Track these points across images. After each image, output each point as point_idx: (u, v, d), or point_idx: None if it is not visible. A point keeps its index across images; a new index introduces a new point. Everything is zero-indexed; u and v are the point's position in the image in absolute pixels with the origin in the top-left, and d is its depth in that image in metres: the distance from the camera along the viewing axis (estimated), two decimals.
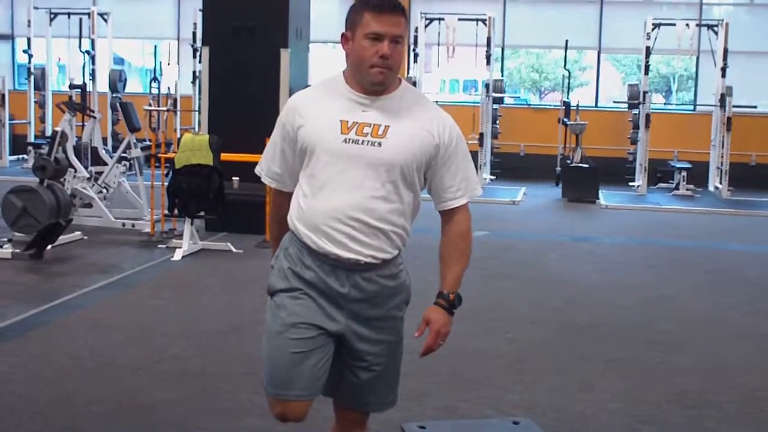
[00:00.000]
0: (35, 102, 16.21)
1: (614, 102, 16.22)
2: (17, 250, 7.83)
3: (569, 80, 15.82)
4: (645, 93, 14.33)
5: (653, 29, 14.42)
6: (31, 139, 15.82)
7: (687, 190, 14.09)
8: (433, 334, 2.77)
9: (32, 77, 16.12)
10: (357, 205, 2.66)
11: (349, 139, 2.67)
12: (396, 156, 2.67)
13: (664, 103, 19.95)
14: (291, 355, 2.69)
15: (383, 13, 2.63)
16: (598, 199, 13.16)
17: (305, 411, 2.76)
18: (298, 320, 2.70)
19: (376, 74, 2.66)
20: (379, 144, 2.67)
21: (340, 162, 2.66)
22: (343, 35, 2.72)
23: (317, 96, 2.79)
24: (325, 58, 17.71)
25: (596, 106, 17.00)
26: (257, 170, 2.92)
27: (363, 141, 2.67)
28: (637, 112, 14.72)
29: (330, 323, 2.72)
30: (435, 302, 2.80)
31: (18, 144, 16.13)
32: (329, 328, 2.72)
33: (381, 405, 2.91)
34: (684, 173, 14.22)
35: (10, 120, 15.97)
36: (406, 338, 2.87)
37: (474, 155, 12.89)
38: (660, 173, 15.02)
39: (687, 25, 14.66)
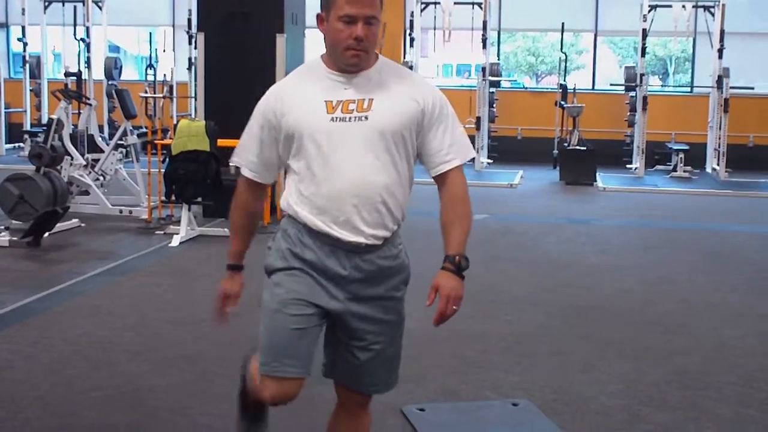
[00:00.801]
0: (31, 90, 16.18)
1: (611, 85, 16.20)
2: (15, 238, 7.82)
3: (566, 63, 15.79)
4: (642, 75, 14.31)
5: (649, 11, 14.39)
6: (27, 127, 15.79)
7: (684, 171, 14.10)
8: (443, 299, 2.68)
9: (27, 65, 16.08)
10: (358, 182, 2.65)
11: (337, 118, 2.66)
12: (385, 126, 2.66)
13: (661, 86, 19.94)
14: (291, 331, 2.68)
15: None
16: (595, 181, 13.16)
17: (298, 390, 2.74)
18: (297, 296, 2.70)
19: (351, 57, 2.65)
20: (366, 117, 2.66)
21: (333, 142, 2.65)
22: (318, 16, 2.71)
23: (297, 82, 2.79)
24: (320, 44, 17.67)
25: (593, 88, 16.97)
26: (234, 161, 2.89)
27: (350, 118, 2.66)
28: (634, 95, 14.71)
29: (330, 301, 2.71)
30: (442, 267, 2.72)
31: (14, 132, 16.11)
32: (328, 306, 2.71)
33: (382, 386, 2.89)
34: (681, 155, 14.23)
35: (5, 108, 15.94)
36: (407, 321, 2.86)
37: (471, 139, 12.83)
38: (657, 155, 15.01)
39: (683, 6, 14.60)
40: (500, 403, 4.33)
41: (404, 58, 15.61)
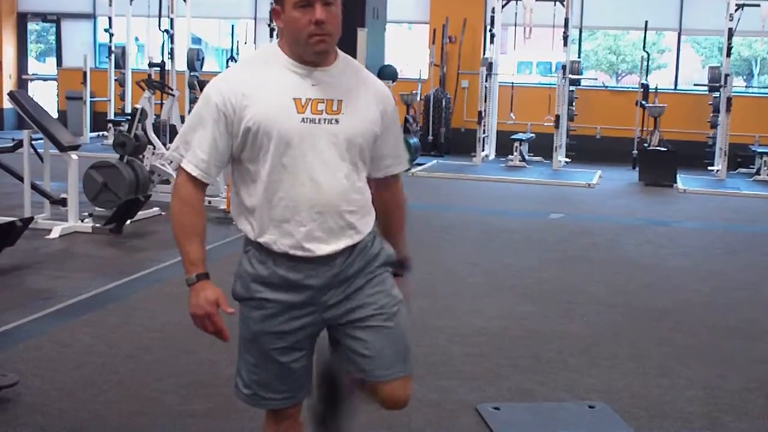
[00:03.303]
0: (115, 80, 16.50)
1: (695, 85, 15.89)
2: (98, 225, 8.00)
3: (648, 62, 15.53)
4: (726, 76, 14.00)
5: (736, 10, 14.06)
6: (111, 116, 16.13)
7: None
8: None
9: (113, 56, 16.42)
10: (328, 189, 2.51)
11: (307, 119, 2.48)
12: (354, 132, 2.54)
13: (746, 86, 19.51)
14: (273, 363, 2.67)
15: None
16: (675, 183, 12.93)
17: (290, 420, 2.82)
18: (267, 329, 2.63)
19: (317, 43, 2.46)
20: (337, 121, 2.51)
21: (301, 144, 2.48)
22: (273, 10, 2.54)
23: (256, 70, 2.56)
24: (400, 39, 17.67)
25: (675, 88, 16.68)
26: (175, 155, 2.60)
27: (320, 119, 2.49)
28: (717, 96, 14.41)
29: (302, 320, 2.63)
30: (401, 275, 2.81)
31: (98, 121, 16.48)
32: (304, 325, 2.64)
33: (396, 369, 2.70)
34: (765, 158, 13.89)
35: (91, 97, 16.30)
36: (480, 319, 2.84)
37: (549, 137, 12.67)
38: (740, 158, 14.70)
39: None
40: (576, 404, 4.28)
41: (484, 54, 15.53)
